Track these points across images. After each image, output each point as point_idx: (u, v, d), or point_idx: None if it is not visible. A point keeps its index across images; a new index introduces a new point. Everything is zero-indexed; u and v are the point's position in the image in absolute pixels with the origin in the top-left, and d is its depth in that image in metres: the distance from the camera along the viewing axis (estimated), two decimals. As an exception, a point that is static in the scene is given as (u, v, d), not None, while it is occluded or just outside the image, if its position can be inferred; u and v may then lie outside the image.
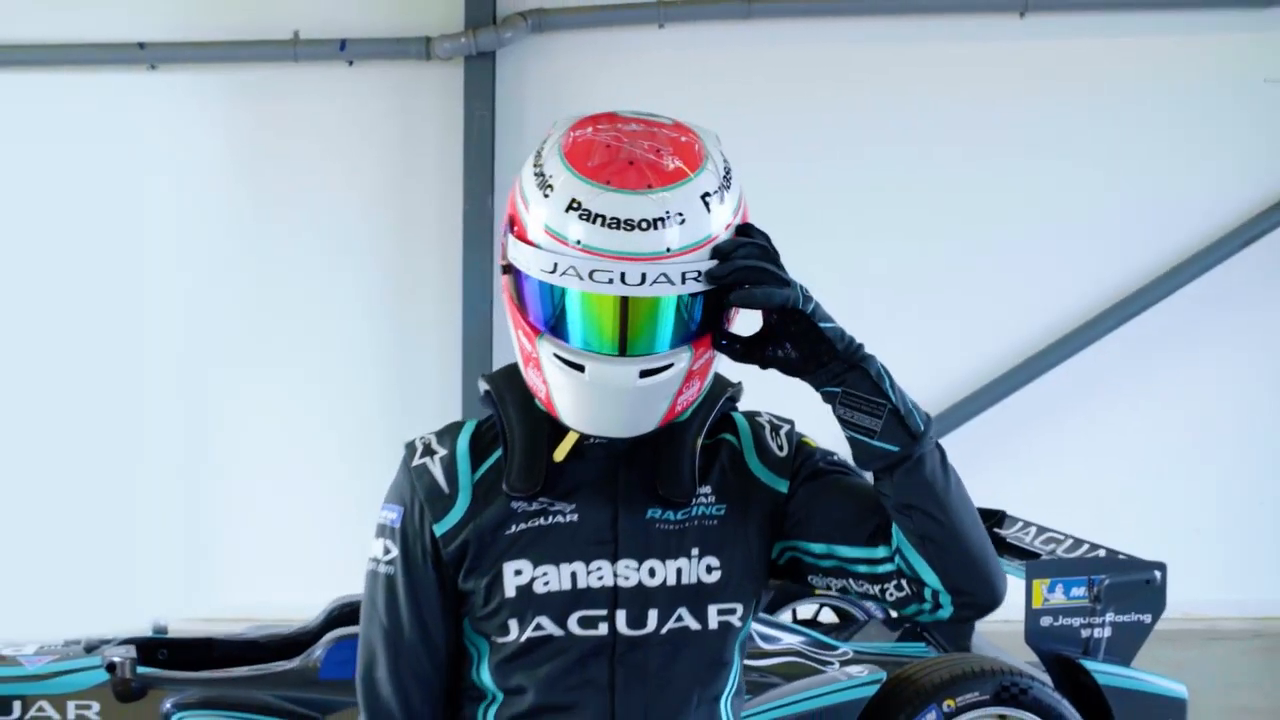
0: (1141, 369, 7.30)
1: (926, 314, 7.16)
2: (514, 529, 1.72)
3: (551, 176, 1.63)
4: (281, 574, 6.93)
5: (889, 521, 1.71)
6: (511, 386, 1.77)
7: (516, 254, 1.66)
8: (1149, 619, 4.01)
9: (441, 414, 6.82)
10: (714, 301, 1.66)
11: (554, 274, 1.61)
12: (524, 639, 1.71)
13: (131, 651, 3.73)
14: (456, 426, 1.82)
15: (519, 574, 1.71)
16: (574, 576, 1.71)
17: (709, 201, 1.63)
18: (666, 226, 1.60)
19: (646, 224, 1.59)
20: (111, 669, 3.66)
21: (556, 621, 1.70)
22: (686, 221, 1.61)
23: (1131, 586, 3.97)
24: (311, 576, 5.75)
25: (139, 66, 7.15)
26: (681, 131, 1.70)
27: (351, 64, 7.20)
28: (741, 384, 1.84)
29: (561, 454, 1.72)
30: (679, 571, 1.72)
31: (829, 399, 1.70)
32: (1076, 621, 3.94)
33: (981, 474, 4.70)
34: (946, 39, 7.20)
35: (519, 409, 1.76)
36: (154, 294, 7.15)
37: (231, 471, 7.25)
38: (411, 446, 1.81)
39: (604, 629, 1.71)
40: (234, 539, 7.22)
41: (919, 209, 7.19)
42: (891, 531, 1.71)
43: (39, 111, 7.11)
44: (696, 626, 1.73)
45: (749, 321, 1.72)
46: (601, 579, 1.71)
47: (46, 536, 6.85)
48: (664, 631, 1.72)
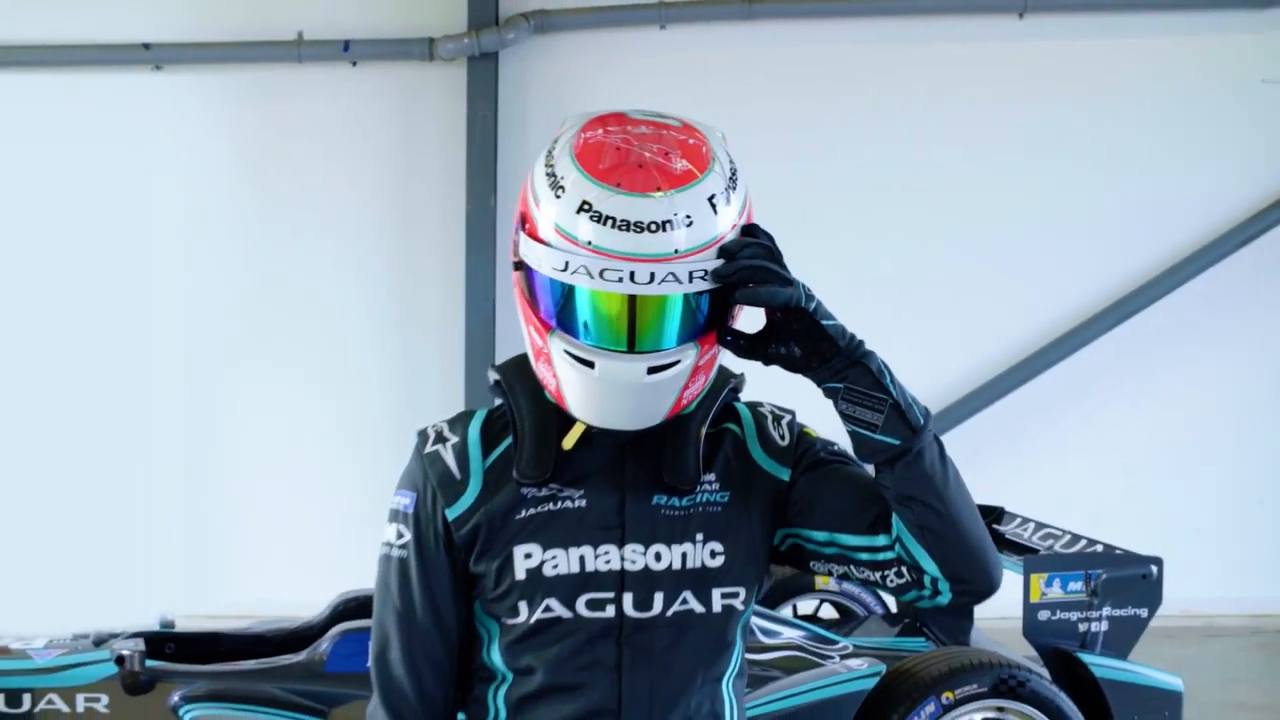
0: (1140, 367, 7.30)
1: (927, 313, 7.16)
2: (524, 514, 1.76)
3: (563, 177, 1.67)
4: (286, 571, 6.94)
5: (889, 510, 1.75)
6: (521, 377, 1.81)
7: (528, 251, 1.69)
8: (1145, 613, 4.02)
9: (444, 413, 6.70)
10: (719, 299, 1.70)
11: (565, 272, 1.65)
12: (533, 620, 1.75)
13: (140, 645, 3.73)
14: (467, 415, 1.86)
15: (529, 557, 1.75)
16: (582, 560, 1.74)
17: (715, 203, 1.67)
18: (675, 228, 1.63)
19: (655, 226, 1.63)
20: (120, 662, 3.64)
21: (565, 604, 1.74)
22: (694, 223, 1.64)
23: (1128, 581, 3.98)
24: (315, 573, 5.76)
25: (144, 67, 7.15)
26: (689, 133, 1.73)
27: (355, 65, 7.19)
28: (744, 375, 1.88)
29: (570, 442, 1.75)
30: (684, 556, 1.77)
31: (831, 395, 1.73)
32: (1074, 615, 3.95)
33: (982, 471, 4.74)
34: (946, 40, 7.20)
35: (528, 398, 1.80)
36: (159, 293, 7.14)
37: (236, 469, 7.26)
38: (424, 434, 1.85)
39: (611, 611, 1.75)
40: (238, 536, 7.23)
41: (919, 209, 7.19)
42: (891, 520, 1.75)
43: (45, 112, 7.10)
44: (701, 609, 1.77)
45: (752, 319, 1.75)
46: (609, 563, 1.75)
47: (54, 533, 6.86)
48: (669, 614, 1.76)
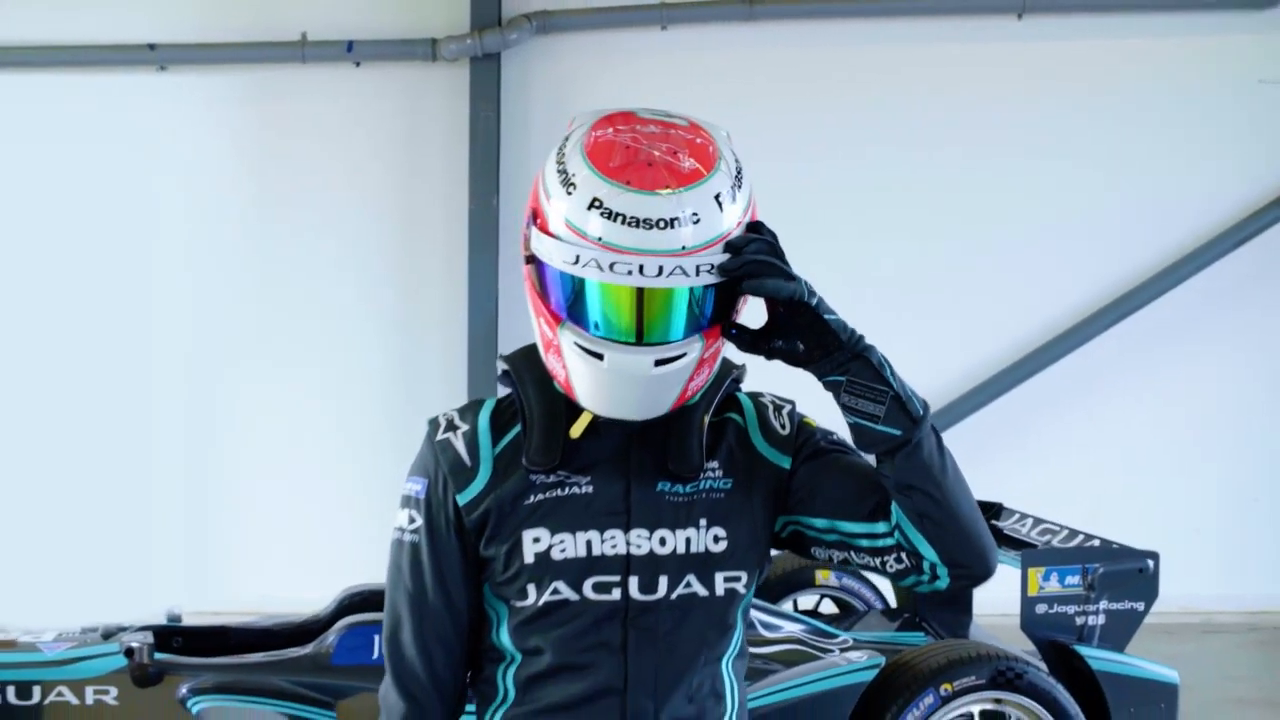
0: (1139, 366, 7.32)
1: (927, 313, 7.19)
2: (533, 499, 1.80)
3: (574, 174, 1.71)
4: (287, 569, 6.97)
5: (888, 498, 1.80)
6: (529, 367, 1.86)
7: (539, 245, 1.73)
8: (1142, 607, 4.06)
9: (447, 411, 6.82)
10: (724, 295, 1.74)
11: (575, 265, 1.69)
12: (541, 603, 1.79)
13: (149, 637, 3.75)
14: (477, 404, 1.90)
15: (537, 541, 1.79)
16: (589, 544, 1.79)
17: (721, 201, 1.71)
18: (682, 225, 1.67)
19: (664, 223, 1.67)
20: (129, 654, 3.67)
21: (572, 586, 1.78)
22: (701, 221, 1.69)
23: (1125, 575, 4.02)
24: (317, 572, 5.78)
25: (149, 68, 7.19)
26: (696, 133, 1.77)
27: (358, 65, 7.22)
28: (745, 366, 1.92)
29: (578, 431, 1.80)
30: (688, 541, 1.81)
31: (833, 388, 1.78)
32: (1071, 609, 3.99)
33: (984, 467, 4.76)
34: (945, 40, 7.22)
35: (536, 388, 1.84)
36: (163, 292, 7.17)
37: (238, 469, 7.29)
38: (434, 423, 1.89)
39: (617, 594, 1.79)
40: (240, 535, 7.26)
41: (920, 209, 7.22)
42: (890, 507, 1.80)
43: (50, 112, 7.13)
44: (704, 592, 1.81)
45: (755, 315, 1.80)
46: (615, 547, 1.79)
47: (61, 530, 6.89)
48: (673, 597, 1.80)
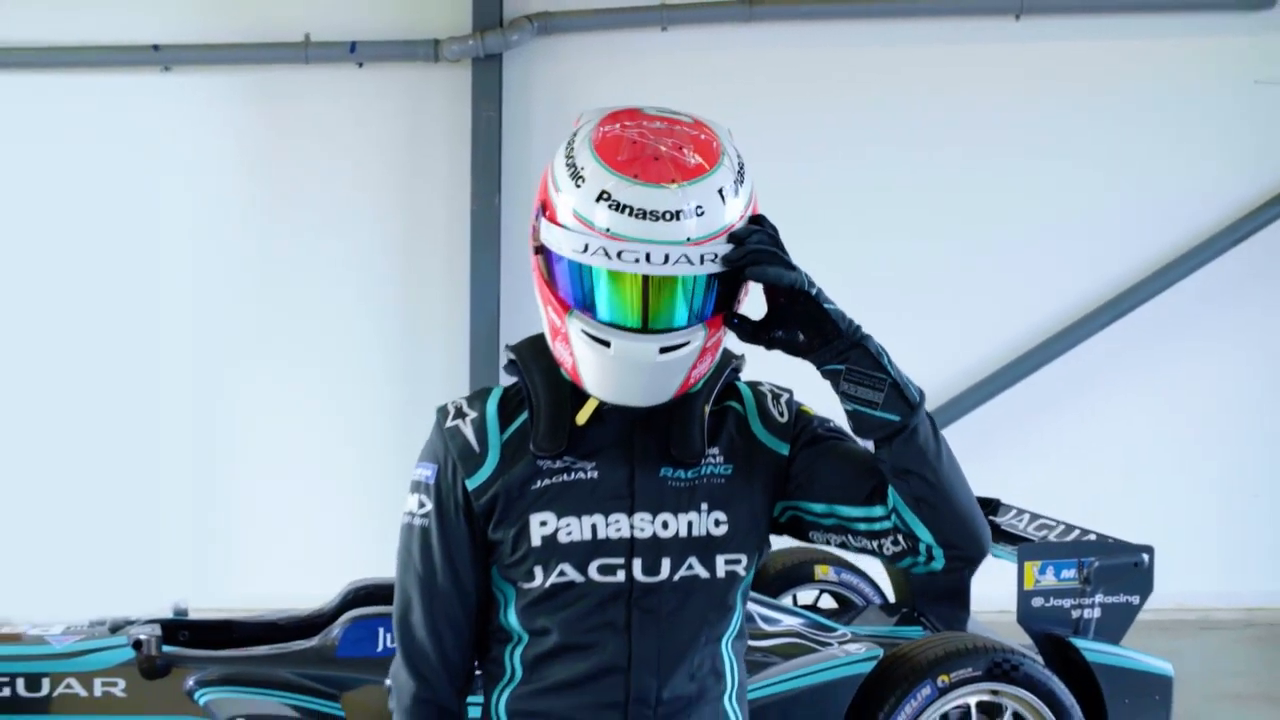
0: (1138, 364, 7.34)
1: (928, 313, 7.20)
2: (539, 484, 1.85)
3: (583, 168, 1.76)
4: (291, 567, 6.98)
5: (884, 482, 1.85)
6: (535, 355, 1.91)
7: (549, 235, 1.79)
8: (1137, 600, 4.11)
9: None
10: (727, 286, 1.80)
11: (584, 254, 1.74)
12: (548, 585, 1.84)
13: (157, 630, 3.79)
14: (485, 391, 1.95)
15: (544, 525, 1.84)
16: (594, 528, 1.84)
17: (725, 195, 1.76)
18: (687, 217, 1.73)
19: (670, 215, 1.72)
20: (137, 647, 3.70)
21: (578, 569, 1.83)
22: (705, 213, 1.74)
23: (1120, 569, 4.06)
24: (320, 570, 5.79)
25: (153, 68, 7.21)
26: (700, 129, 1.83)
27: (361, 66, 7.24)
28: (744, 356, 1.97)
29: (583, 418, 1.85)
30: (690, 524, 1.86)
31: (832, 376, 1.83)
32: (1067, 602, 4.03)
33: (985, 464, 4.82)
34: (944, 41, 7.25)
35: (543, 376, 1.89)
36: (167, 291, 7.19)
37: (242, 467, 7.31)
38: (444, 410, 1.94)
39: (621, 576, 1.84)
40: (245, 532, 7.29)
41: (919, 209, 7.24)
42: (887, 492, 1.85)
43: (54, 112, 7.15)
44: (705, 575, 1.87)
45: (756, 307, 1.85)
46: (619, 530, 1.84)
47: (68, 526, 6.91)
48: (676, 579, 1.85)
